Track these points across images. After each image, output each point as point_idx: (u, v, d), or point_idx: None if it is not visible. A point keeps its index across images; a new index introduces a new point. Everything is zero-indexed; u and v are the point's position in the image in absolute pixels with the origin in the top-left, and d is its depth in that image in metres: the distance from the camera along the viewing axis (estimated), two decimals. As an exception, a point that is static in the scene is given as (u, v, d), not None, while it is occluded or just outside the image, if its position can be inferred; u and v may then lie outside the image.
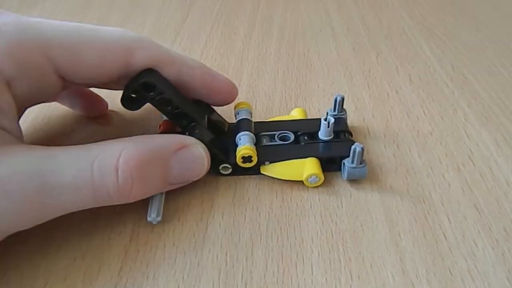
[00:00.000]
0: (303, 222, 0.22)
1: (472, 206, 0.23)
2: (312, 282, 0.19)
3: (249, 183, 0.24)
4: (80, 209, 0.19)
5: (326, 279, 0.19)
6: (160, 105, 0.22)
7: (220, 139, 0.24)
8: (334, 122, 0.25)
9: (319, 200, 0.23)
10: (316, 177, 0.23)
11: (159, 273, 0.19)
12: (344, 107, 0.27)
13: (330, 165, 0.24)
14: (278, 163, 0.24)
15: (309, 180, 0.23)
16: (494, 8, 0.46)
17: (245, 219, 0.22)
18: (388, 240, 0.21)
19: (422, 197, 0.23)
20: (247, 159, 0.23)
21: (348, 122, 0.27)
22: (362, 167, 0.23)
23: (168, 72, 0.22)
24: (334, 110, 0.27)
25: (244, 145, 0.23)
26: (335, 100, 0.26)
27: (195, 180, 0.22)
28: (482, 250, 0.20)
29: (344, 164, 0.23)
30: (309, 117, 0.28)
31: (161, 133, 0.25)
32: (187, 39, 0.39)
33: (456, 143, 0.27)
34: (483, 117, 0.29)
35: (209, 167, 0.22)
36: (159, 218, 0.21)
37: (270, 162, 0.24)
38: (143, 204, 0.22)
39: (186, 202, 0.23)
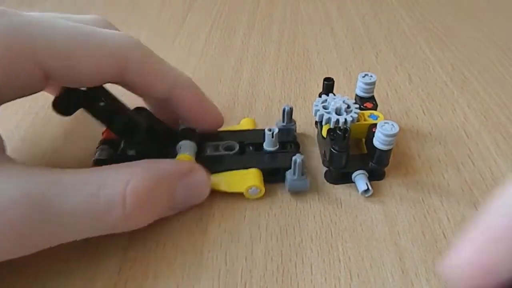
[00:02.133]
0: (303, 222, 0.22)
1: (472, 206, 0.23)
2: (311, 281, 0.19)
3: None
4: (80, 238, 0.18)
5: (326, 278, 0.19)
6: (92, 112, 0.21)
7: (163, 148, 0.23)
8: (283, 133, 0.25)
9: (318, 200, 0.23)
10: (256, 188, 0.22)
11: (159, 273, 0.19)
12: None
13: (274, 176, 0.24)
14: (219, 174, 0.23)
15: (249, 191, 0.23)
16: (494, 8, 0.46)
17: (245, 219, 0.22)
18: (388, 239, 0.21)
19: (421, 196, 0.23)
20: None
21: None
22: (304, 179, 0.23)
23: (159, 89, 0.22)
24: (283, 121, 0.26)
25: (183, 154, 0.22)
26: (283, 111, 0.25)
27: (196, 204, 0.22)
28: (482, 250, 0.20)
29: (286, 175, 0.23)
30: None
31: (104, 138, 0.24)
32: (187, 38, 0.39)
33: (456, 142, 0.27)
34: (482, 116, 0.29)
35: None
36: None
37: (212, 173, 0.23)
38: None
39: (186, 201, 0.23)
